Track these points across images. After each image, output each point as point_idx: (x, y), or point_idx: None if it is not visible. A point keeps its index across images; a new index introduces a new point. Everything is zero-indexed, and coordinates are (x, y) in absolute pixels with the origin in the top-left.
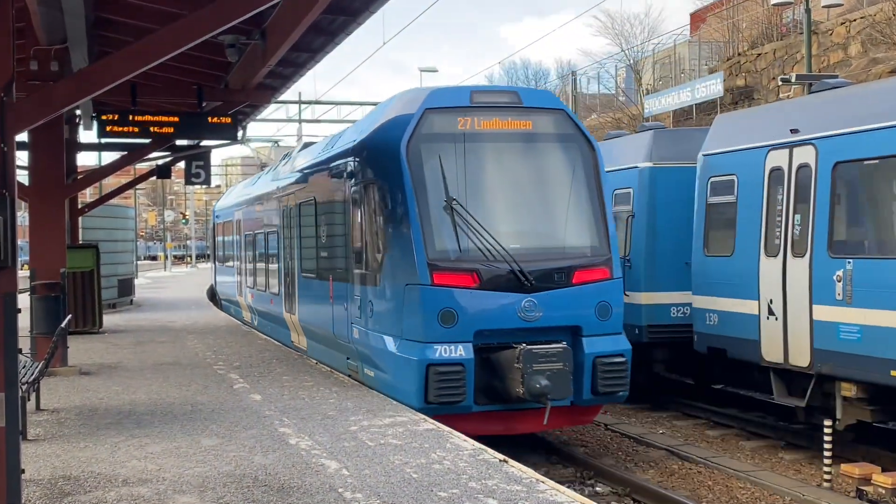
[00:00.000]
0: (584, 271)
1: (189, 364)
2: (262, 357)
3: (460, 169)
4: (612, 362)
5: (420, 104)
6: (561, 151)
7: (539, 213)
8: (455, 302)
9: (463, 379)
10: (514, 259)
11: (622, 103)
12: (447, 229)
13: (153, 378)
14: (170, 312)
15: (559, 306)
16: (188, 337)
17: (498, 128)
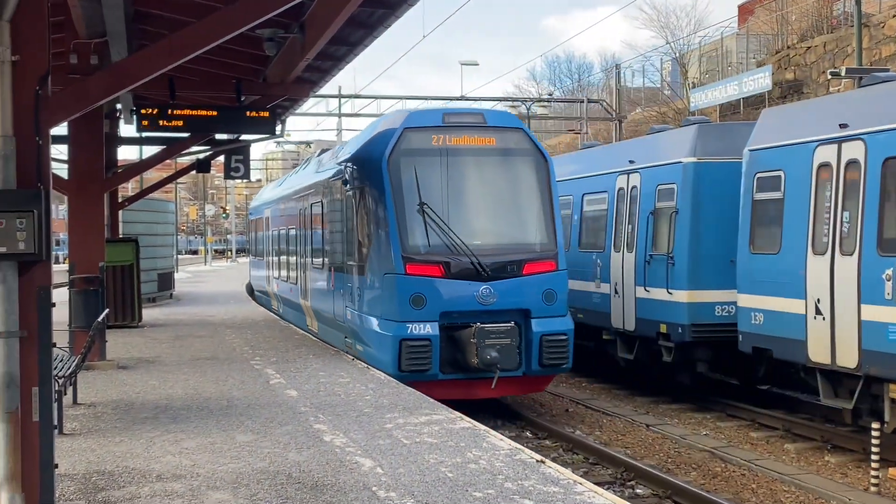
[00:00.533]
0: (533, 264)
1: (226, 359)
2: (298, 352)
3: (433, 178)
4: (555, 339)
5: (401, 123)
6: (518, 164)
7: (497, 215)
8: (424, 288)
9: (430, 352)
10: (473, 253)
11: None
12: (419, 228)
13: (190, 373)
14: (209, 307)
15: (511, 293)
16: (226, 331)
17: (466, 143)
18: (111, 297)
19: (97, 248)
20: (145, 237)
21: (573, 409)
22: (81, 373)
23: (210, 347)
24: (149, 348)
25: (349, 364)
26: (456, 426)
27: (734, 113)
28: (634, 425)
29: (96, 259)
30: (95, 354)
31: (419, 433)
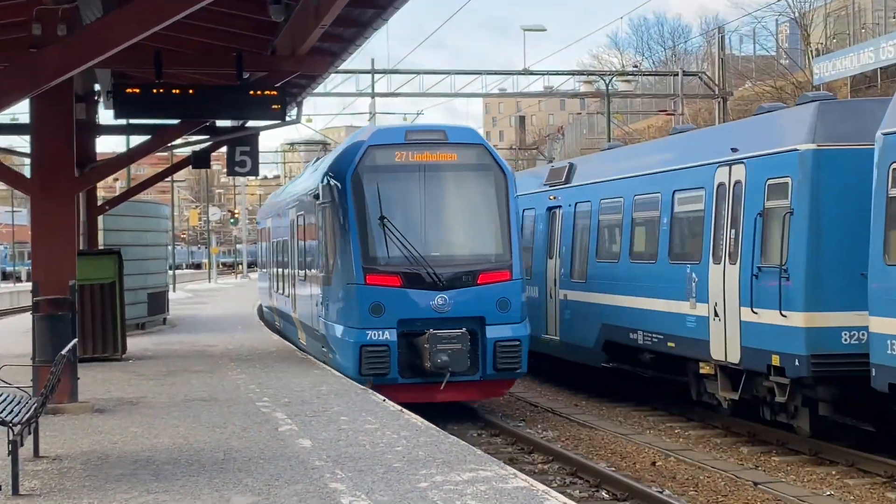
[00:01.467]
0: (488, 274)
1: (227, 400)
2: (317, 392)
3: (395, 193)
4: (509, 346)
5: (365, 141)
6: (477, 179)
7: (455, 228)
8: (383, 297)
9: (388, 356)
10: (429, 264)
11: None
12: (379, 241)
13: (182, 417)
14: (210, 334)
15: (466, 301)
16: (229, 365)
17: (427, 160)
18: (87, 323)
19: (67, 263)
20: (132, 248)
21: (661, 462)
22: (46, 418)
23: (208, 385)
24: (133, 386)
25: (377, 405)
26: (508, 485)
27: (869, 87)
28: (739, 483)
29: (66, 276)
30: (65, 395)
31: (461, 494)
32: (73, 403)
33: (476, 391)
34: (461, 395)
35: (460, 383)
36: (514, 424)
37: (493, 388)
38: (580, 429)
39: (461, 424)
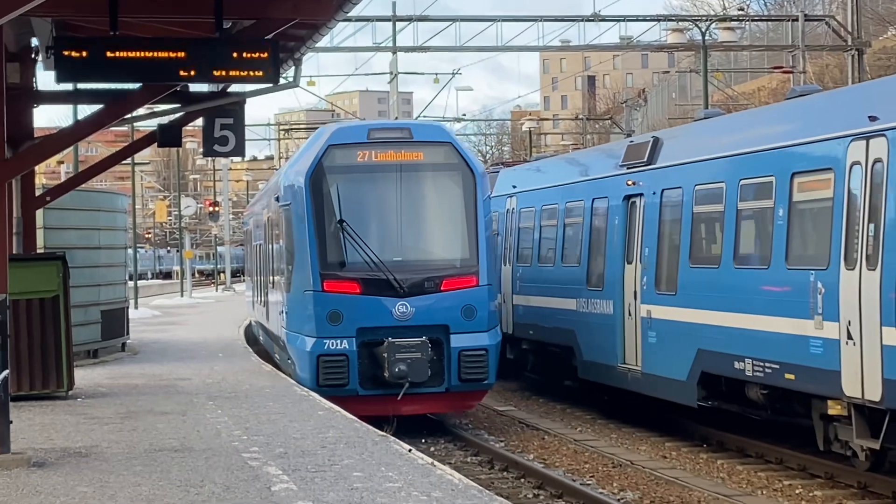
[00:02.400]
0: (453, 280)
1: (205, 450)
2: (321, 439)
3: (356, 195)
4: (474, 355)
5: (325, 141)
6: (444, 179)
7: (419, 231)
8: (341, 305)
9: (346, 367)
10: (389, 270)
11: None
12: (337, 246)
13: (145, 474)
14: (182, 364)
15: (429, 309)
16: (207, 405)
17: (391, 160)
18: (22, 349)
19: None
20: (81, 252)
21: None
22: None
23: (180, 431)
24: (82, 433)
25: (400, 457)
26: None
27: None
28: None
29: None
30: None
31: None
32: (4, 455)
33: (442, 404)
34: (426, 407)
35: (424, 395)
36: (583, 482)
37: (461, 401)
38: (669, 488)
39: (517, 490)
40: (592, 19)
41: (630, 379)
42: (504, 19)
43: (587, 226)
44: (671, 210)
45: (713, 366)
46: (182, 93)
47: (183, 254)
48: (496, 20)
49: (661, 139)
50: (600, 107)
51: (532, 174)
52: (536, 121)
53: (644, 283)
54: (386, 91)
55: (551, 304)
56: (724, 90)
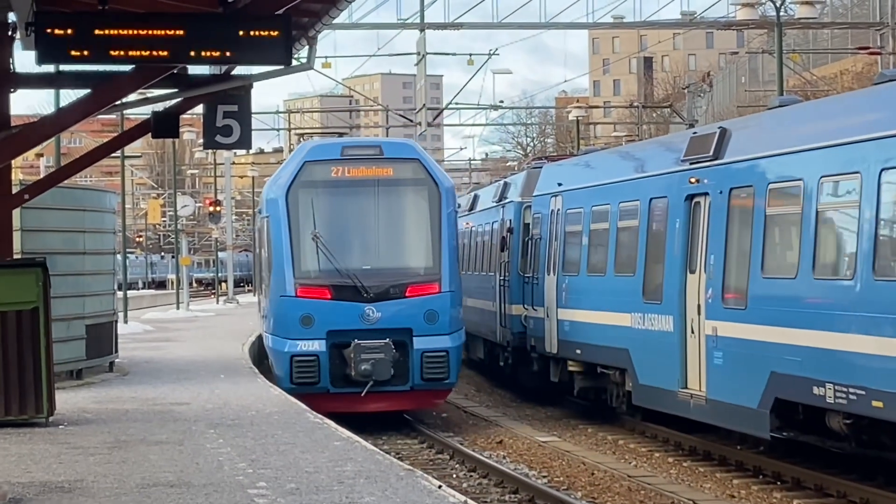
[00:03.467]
0: (417, 287)
1: (205, 485)
2: (338, 473)
3: (331, 208)
4: (436, 356)
5: (302, 157)
6: (411, 193)
7: (387, 241)
8: (312, 309)
9: (317, 367)
10: (357, 277)
11: None
12: (311, 255)
13: None
14: (179, 386)
15: (394, 313)
16: (207, 434)
17: (363, 175)
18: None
19: None
20: (63, 258)
21: None
22: None
23: (176, 464)
24: (64, 465)
25: (429, 494)
26: None
27: None
28: None
29: None
30: None
31: None
32: None
33: (406, 401)
34: (391, 404)
35: (390, 393)
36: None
37: (424, 399)
38: None
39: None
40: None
41: (693, 406)
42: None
43: (643, 229)
44: (741, 212)
45: (788, 391)
46: (180, 76)
47: (179, 260)
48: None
49: (730, 130)
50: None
51: (580, 170)
52: (585, 109)
53: (709, 296)
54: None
55: (602, 319)
56: (801, 74)
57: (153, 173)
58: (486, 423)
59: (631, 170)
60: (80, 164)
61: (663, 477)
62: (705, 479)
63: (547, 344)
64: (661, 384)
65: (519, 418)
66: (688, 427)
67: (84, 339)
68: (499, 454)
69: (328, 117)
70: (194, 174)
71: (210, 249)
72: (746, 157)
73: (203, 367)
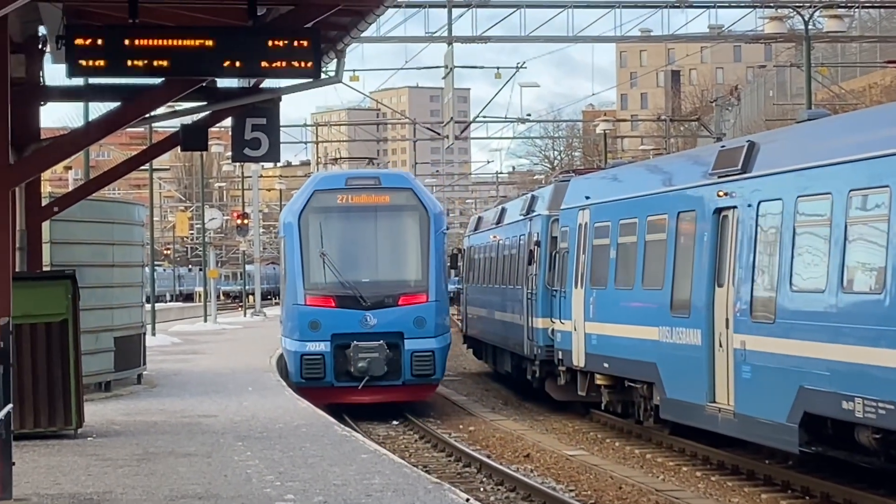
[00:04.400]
0: (407, 296)
1: (233, 497)
2: (366, 486)
3: (336, 230)
4: (423, 356)
5: (312, 186)
6: (404, 217)
7: (383, 258)
8: (319, 315)
9: (323, 364)
10: (357, 289)
11: None
12: (319, 270)
13: None
14: (206, 399)
15: (388, 319)
16: (235, 446)
17: (364, 202)
18: (25, 381)
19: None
20: (92, 270)
21: None
22: None
23: (204, 476)
24: (92, 477)
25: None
26: None
27: None
28: None
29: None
30: None
31: None
32: (6, 502)
33: (398, 394)
34: (386, 397)
35: (384, 387)
36: None
37: (415, 392)
38: None
39: None
40: (678, 6)
41: (721, 420)
42: (576, 5)
43: (671, 243)
44: (769, 225)
45: (817, 406)
46: (208, 89)
47: (207, 273)
48: (567, 6)
49: (758, 144)
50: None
51: (608, 184)
52: (612, 122)
53: (737, 310)
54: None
55: (629, 332)
56: (829, 87)
57: (181, 186)
58: (513, 437)
59: (659, 183)
60: (109, 177)
61: (691, 491)
62: (734, 493)
63: (574, 357)
64: (689, 398)
65: (546, 432)
66: (716, 441)
67: (112, 352)
68: (526, 468)
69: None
70: (222, 187)
71: (237, 262)
72: (775, 171)
73: (231, 380)
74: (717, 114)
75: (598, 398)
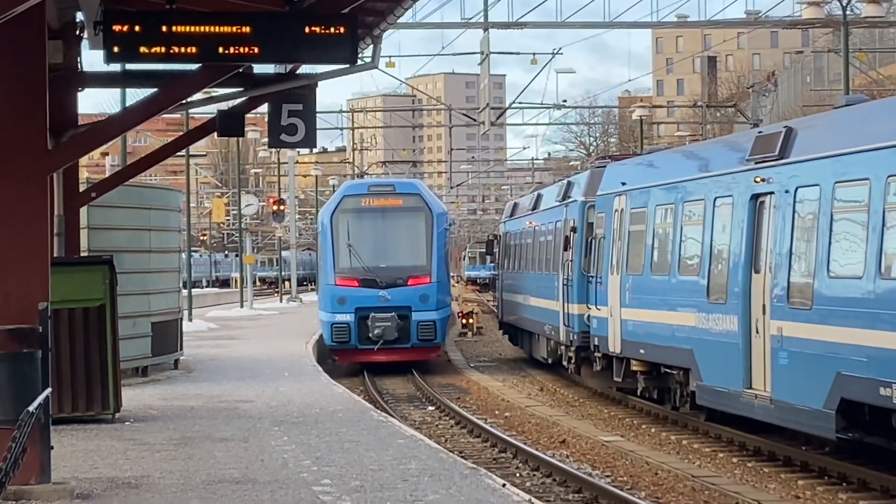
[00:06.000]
0: (415, 278)
1: (269, 482)
2: (402, 471)
3: (361, 227)
4: (426, 325)
5: (342, 192)
6: (413, 217)
7: (396, 248)
8: (346, 293)
9: (348, 331)
10: (374, 272)
11: None
12: (346, 258)
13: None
14: (242, 384)
15: (399, 296)
16: (272, 431)
17: (382, 204)
18: (64, 366)
19: (36, 276)
20: (129, 256)
21: None
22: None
23: (241, 461)
24: (130, 461)
25: (493, 494)
26: None
27: None
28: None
29: (35, 296)
30: (32, 472)
31: None
32: (45, 486)
33: (408, 354)
34: (398, 356)
35: (397, 349)
36: None
37: (421, 353)
38: None
39: None
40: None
41: (757, 407)
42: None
43: (707, 229)
44: (806, 211)
45: (855, 392)
46: (245, 75)
47: (243, 259)
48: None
49: (795, 129)
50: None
51: (644, 170)
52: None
53: (774, 296)
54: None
55: (666, 319)
56: (866, 73)
57: (217, 172)
58: (549, 423)
59: (695, 169)
60: (145, 163)
61: (727, 477)
62: (770, 479)
63: (610, 343)
64: (726, 384)
65: (582, 418)
66: (752, 427)
67: (149, 337)
68: (562, 453)
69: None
70: (258, 173)
71: (273, 248)
72: (812, 157)
73: (267, 365)
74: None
75: (633, 384)
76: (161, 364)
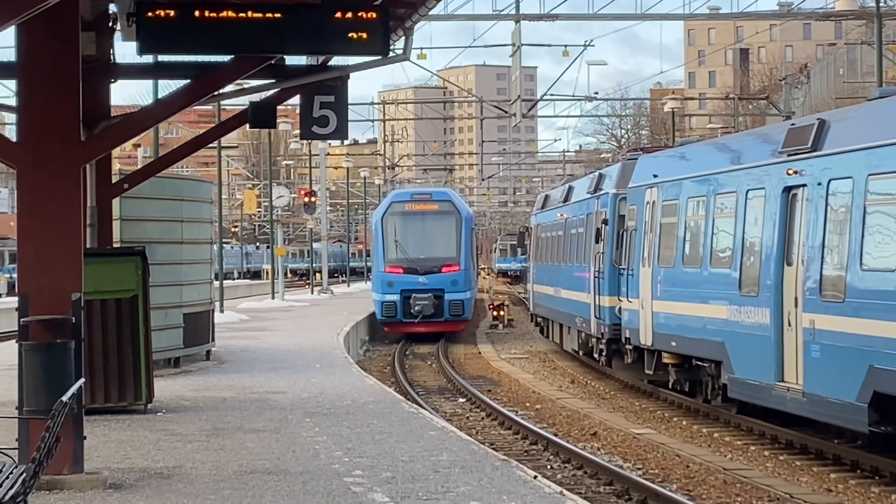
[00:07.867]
0: (447, 266)
1: (301, 473)
2: (433, 462)
3: (405, 227)
4: (457, 303)
5: (390, 199)
6: (446, 219)
7: (432, 243)
8: (393, 279)
9: (395, 307)
10: (415, 262)
11: None
12: (393, 251)
13: (234, 499)
14: (274, 375)
15: (435, 280)
16: (303, 422)
17: (422, 209)
18: (97, 356)
19: (70, 267)
20: (161, 247)
21: None
22: (39, 496)
23: (273, 452)
24: (163, 451)
25: (524, 484)
26: None
27: None
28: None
29: (68, 287)
30: (66, 462)
31: None
32: (78, 475)
33: (442, 326)
34: (435, 328)
35: (432, 322)
36: None
37: (453, 325)
38: None
39: None
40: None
41: (789, 400)
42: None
43: (740, 221)
44: (839, 204)
45: (888, 385)
46: (277, 66)
47: (274, 250)
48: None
49: (828, 121)
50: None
51: (676, 162)
52: (680, 100)
53: (806, 289)
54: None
55: (698, 311)
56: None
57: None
58: (580, 415)
59: (727, 161)
60: (177, 155)
61: (759, 470)
62: (802, 472)
63: (642, 336)
64: (757, 377)
65: (613, 410)
66: (783, 420)
67: (181, 328)
68: (593, 446)
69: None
70: (289, 165)
71: (305, 240)
72: (846, 149)
73: (298, 357)
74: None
75: (664, 377)
76: (193, 355)
